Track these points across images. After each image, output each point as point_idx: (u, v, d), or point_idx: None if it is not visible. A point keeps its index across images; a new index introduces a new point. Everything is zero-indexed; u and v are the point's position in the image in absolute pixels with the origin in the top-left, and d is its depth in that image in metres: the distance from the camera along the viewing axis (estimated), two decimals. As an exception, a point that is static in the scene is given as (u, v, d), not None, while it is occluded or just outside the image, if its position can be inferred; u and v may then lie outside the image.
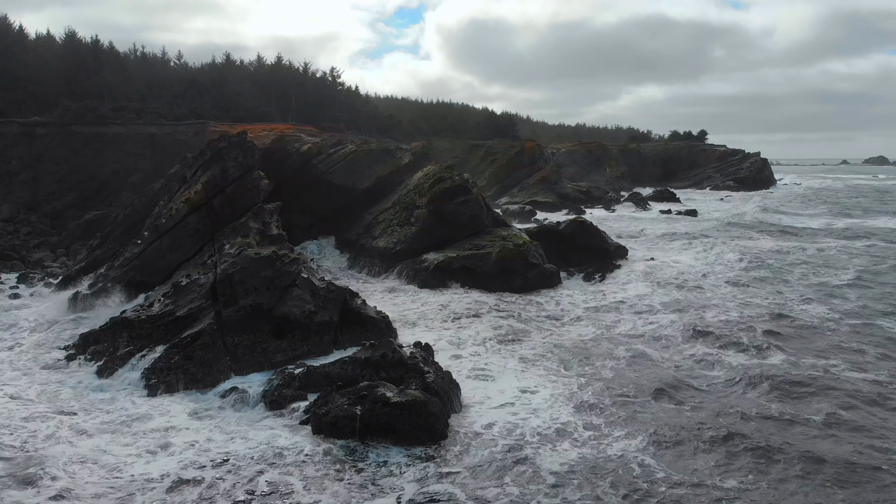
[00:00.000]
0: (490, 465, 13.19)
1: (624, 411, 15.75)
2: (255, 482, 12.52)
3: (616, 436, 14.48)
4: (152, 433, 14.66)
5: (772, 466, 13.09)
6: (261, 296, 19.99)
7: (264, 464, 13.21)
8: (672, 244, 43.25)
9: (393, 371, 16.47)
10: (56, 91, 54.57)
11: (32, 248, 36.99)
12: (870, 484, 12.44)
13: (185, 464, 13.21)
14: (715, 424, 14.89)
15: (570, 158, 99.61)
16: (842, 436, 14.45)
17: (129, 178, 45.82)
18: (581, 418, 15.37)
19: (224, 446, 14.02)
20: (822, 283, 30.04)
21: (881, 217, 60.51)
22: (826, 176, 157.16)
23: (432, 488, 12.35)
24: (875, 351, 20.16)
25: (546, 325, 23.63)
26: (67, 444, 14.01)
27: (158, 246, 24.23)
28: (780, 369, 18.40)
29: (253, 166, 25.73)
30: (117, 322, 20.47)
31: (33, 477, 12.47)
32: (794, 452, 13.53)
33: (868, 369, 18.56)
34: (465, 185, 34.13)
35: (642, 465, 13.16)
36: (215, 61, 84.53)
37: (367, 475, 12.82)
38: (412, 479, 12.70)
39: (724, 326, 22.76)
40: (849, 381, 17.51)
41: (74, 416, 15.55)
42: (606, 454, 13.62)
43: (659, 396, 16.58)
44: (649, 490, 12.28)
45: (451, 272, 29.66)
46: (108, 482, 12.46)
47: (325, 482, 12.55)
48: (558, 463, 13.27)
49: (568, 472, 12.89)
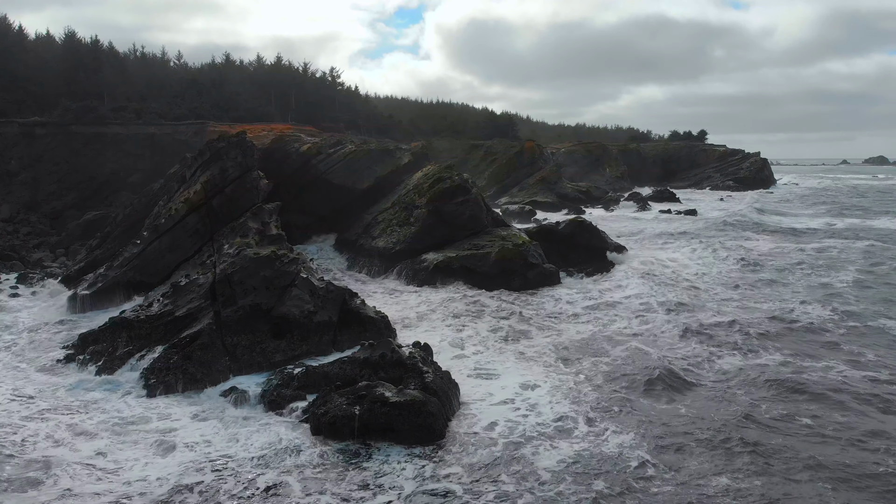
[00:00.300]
0: (489, 464, 13.20)
1: (621, 409, 15.80)
2: (255, 483, 12.51)
3: (613, 431, 14.53)
4: (151, 434, 14.65)
5: (768, 467, 13.08)
6: (260, 296, 20.00)
7: (263, 464, 13.21)
8: (671, 244, 43.28)
9: (392, 371, 16.47)
10: (56, 91, 54.57)
11: (32, 249, 36.97)
12: (868, 488, 12.40)
13: (185, 465, 13.19)
14: (711, 424, 14.91)
15: (569, 158, 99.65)
16: (840, 437, 14.43)
17: (129, 178, 45.84)
18: (579, 415, 15.38)
19: (223, 447, 14.01)
20: (821, 284, 30.02)
21: (882, 217, 60.23)
22: (826, 176, 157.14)
23: (430, 486, 12.37)
24: (873, 352, 20.14)
25: (546, 323, 23.62)
26: (66, 445, 14.00)
27: (157, 246, 24.26)
28: (777, 370, 18.42)
29: (252, 166, 25.76)
30: (116, 322, 20.46)
31: (34, 480, 12.47)
32: (790, 453, 13.55)
33: (867, 370, 18.55)
34: (464, 185, 34.15)
35: (639, 462, 13.20)
36: (215, 61, 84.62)
37: (366, 475, 12.82)
38: (410, 477, 12.72)
39: (721, 327, 22.76)
40: (847, 382, 17.51)
41: (73, 416, 15.54)
42: (602, 451, 13.64)
43: (656, 395, 16.62)
44: (644, 487, 12.31)
45: (450, 272, 29.67)
46: (105, 485, 12.44)
47: (325, 483, 12.55)
48: (556, 460, 13.30)
49: (564, 469, 12.92)
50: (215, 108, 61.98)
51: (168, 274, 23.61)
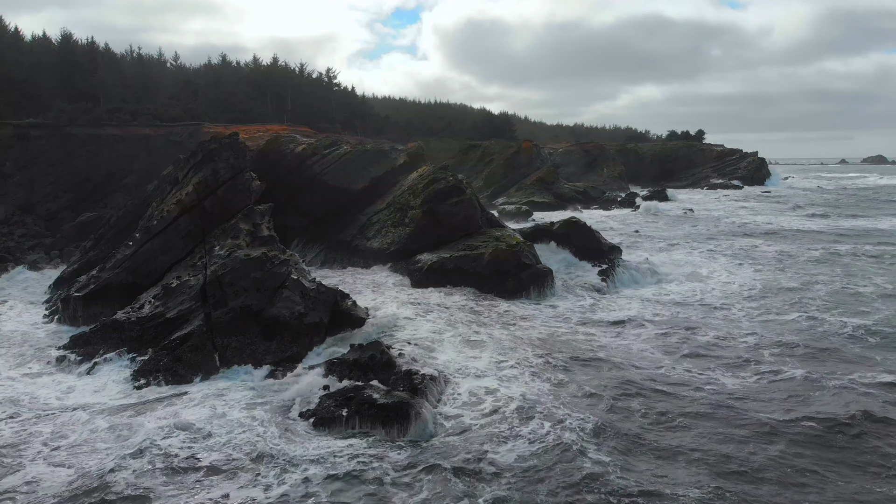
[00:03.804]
0: (469, 462, 13.13)
1: (601, 409, 15.63)
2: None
3: (586, 435, 14.14)
4: (141, 434, 14.59)
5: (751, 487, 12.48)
6: (250, 297, 19.97)
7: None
8: (666, 244, 43.29)
9: (381, 372, 16.45)
10: (51, 93, 54.55)
11: (27, 250, 36.92)
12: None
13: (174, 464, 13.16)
14: (688, 433, 14.61)
15: (567, 158, 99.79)
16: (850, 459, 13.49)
17: (124, 179, 45.80)
18: (556, 415, 15.06)
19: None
20: (821, 285, 29.96)
21: (884, 218, 59.77)
22: (825, 175, 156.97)
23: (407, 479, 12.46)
24: (874, 354, 20.07)
25: (537, 324, 23.57)
26: (45, 445, 14.01)
27: (150, 247, 24.20)
28: (775, 373, 18.33)
29: (244, 168, 25.69)
30: (107, 324, 20.44)
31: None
32: (776, 474, 12.85)
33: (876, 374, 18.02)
34: (458, 186, 34.11)
35: (599, 464, 12.96)
36: (211, 62, 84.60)
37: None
38: (393, 470, 12.82)
39: (717, 327, 22.78)
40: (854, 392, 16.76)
41: (60, 417, 15.48)
42: (565, 452, 13.47)
43: (642, 399, 16.56)
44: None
45: (444, 273, 29.63)
46: (79, 484, 12.41)
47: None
48: (516, 456, 13.26)
49: (526, 469, 12.81)
50: (211, 109, 61.97)
51: (160, 275, 23.54)
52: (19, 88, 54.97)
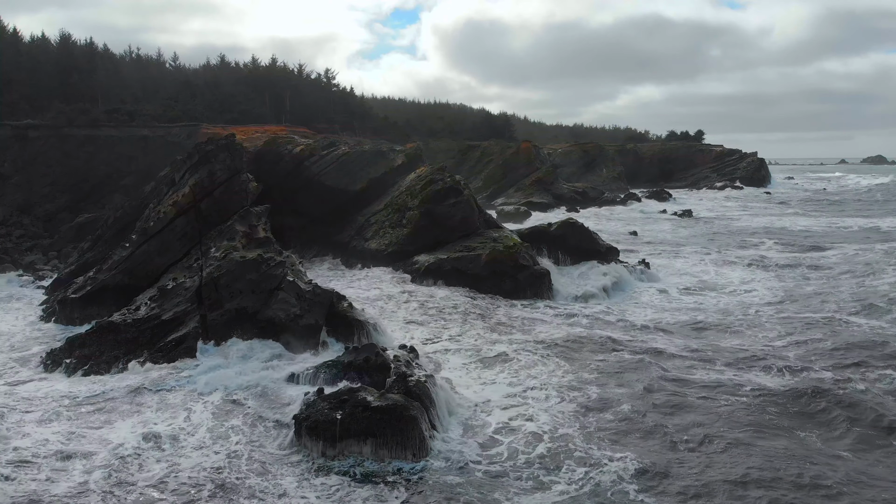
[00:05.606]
0: (462, 472, 13.14)
1: (611, 417, 15.65)
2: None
3: (604, 453, 13.71)
4: (139, 437, 14.60)
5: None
6: (246, 299, 19.94)
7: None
8: (665, 245, 43.27)
9: (376, 374, 16.40)
10: (49, 94, 54.49)
11: (24, 251, 36.93)
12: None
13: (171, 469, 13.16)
14: (704, 440, 14.41)
15: (566, 159, 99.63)
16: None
17: (122, 180, 45.73)
18: (562, 427, 15.21)
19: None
20: (819, 284, 29.98)
21: (887, 218, 59.61)
22: (824, 175, 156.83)
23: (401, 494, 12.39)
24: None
25: (535, 325, 23.52)
26: (44, 442, 14.00)
27: (147, 249, 24.19)
28: (776, 380, 18.18)
29: (241, 169, 25.68)
30: (103, 326, 20.41)
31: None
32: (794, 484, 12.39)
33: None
34: (456, 187, 34.11)
35: (627, 483, 12.59)
36: (210, 63, 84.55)
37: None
38: (387, 480, 12.81)
39: (715, 326, 22.76)
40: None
41: (57, 417, 15.48)
42: (595, 479, 13.50)
43: (648, 404, 16.51)
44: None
45: (441, 274, 29.66)
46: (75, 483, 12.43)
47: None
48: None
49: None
50: (209, 109, 61.89)
51: (157, 277, 23.50)
52: (17, 89, 54.91)
